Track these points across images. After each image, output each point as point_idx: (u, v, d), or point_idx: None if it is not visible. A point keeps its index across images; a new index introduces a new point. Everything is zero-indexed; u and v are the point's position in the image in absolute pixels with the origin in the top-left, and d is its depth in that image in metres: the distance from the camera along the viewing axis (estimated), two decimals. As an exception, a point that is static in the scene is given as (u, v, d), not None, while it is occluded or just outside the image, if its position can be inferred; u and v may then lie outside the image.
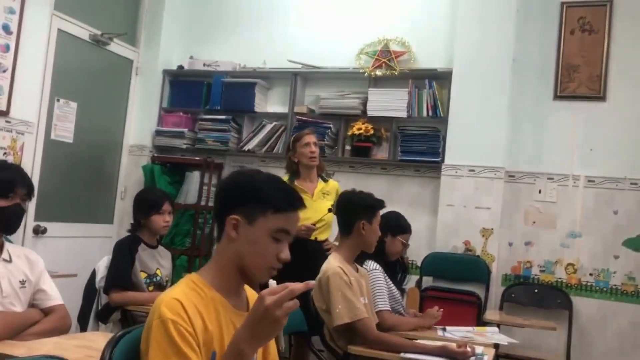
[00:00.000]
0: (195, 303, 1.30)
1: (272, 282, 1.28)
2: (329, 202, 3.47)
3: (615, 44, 3.95)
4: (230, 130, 4.59)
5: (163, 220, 3.02)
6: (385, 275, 2.77)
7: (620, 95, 3.92)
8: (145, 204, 3.03)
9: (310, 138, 3.54)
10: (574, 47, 4.04)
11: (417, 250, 3.98)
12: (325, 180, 3.65)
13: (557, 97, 4.05)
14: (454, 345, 2.22)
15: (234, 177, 1.47)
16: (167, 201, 3.05)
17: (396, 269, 3.02)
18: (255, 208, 1.37)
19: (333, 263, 2.46)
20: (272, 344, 1.53)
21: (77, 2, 4.16)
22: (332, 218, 3.30)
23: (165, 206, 3.03)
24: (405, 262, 3.33)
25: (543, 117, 4.07)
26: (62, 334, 2.12)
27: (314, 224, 3.35)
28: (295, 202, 1.40)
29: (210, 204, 4.62)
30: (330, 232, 3.53)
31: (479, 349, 2.28)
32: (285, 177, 3.56)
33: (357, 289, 2.43)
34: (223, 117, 4.60)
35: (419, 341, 2.38)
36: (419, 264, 4.03)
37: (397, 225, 2.96)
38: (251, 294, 1.50)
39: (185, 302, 1.28)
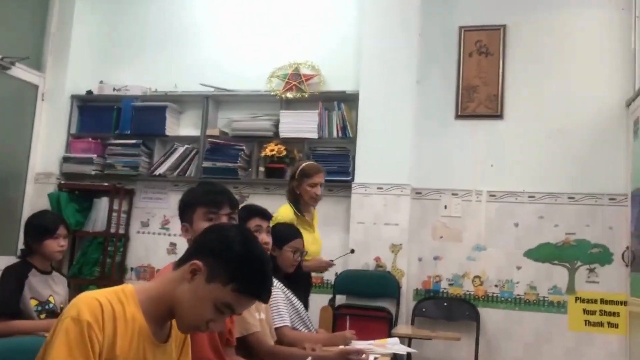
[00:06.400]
0: (115, 314, 1.26)
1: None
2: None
3: (509, 65, 4.18)
4: (140, 155, 4.50)
5: (58, 244, 2.89)
6: (285, 289, 2.75)
7: (516, 113, 4.13)
8: (37, 229, 2.89)
9: (321, 178, 3.36)
10: (473, 68, 4.24)
11: (331, 268, 3.99)
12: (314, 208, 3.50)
13: (459, 116, 4.23)
14: (352, 348, 2.23)
15: (228, 232, 1.40)
16: (61, 225, 2.93)
17: (297, 279, 2.96)
18: (221, 274, 1.31)
19: None
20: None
21: (-26, 25, 4.04)
22: None
23: (60, 230, 2.91)
24: (307, 269, 3.25)
25: (446, 135, 4.23)
26: None
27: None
28: (262, 296, 1.37)
29: (121, 231, 4.50)
30: None
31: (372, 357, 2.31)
32: (287, 205, 3.35)
33: (252, 305, 2.40)
34: (133, 141, 4.52)
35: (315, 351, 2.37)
36: (333, 282, 4.06)
37: (279, 237, 2.74)
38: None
39: (105, 307, 1.25)
